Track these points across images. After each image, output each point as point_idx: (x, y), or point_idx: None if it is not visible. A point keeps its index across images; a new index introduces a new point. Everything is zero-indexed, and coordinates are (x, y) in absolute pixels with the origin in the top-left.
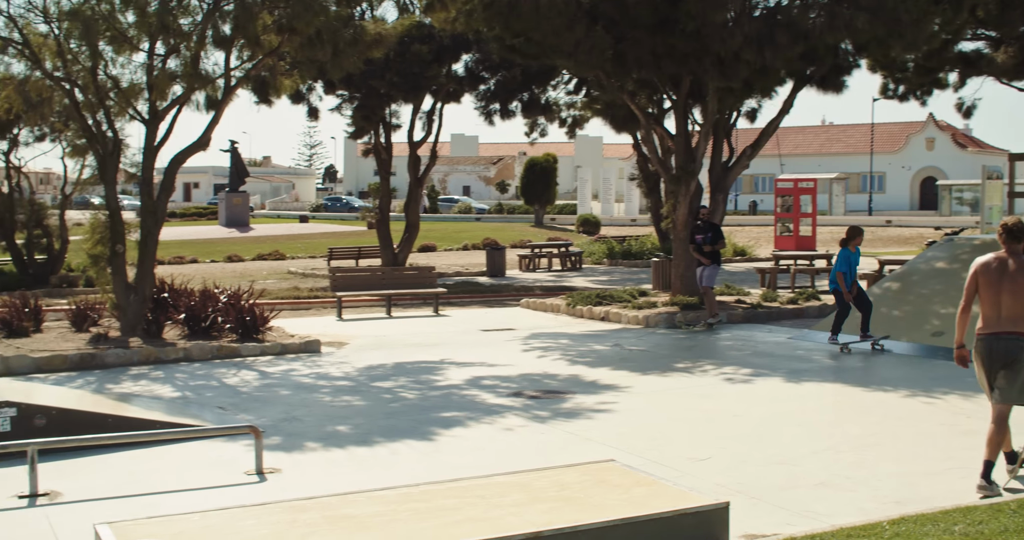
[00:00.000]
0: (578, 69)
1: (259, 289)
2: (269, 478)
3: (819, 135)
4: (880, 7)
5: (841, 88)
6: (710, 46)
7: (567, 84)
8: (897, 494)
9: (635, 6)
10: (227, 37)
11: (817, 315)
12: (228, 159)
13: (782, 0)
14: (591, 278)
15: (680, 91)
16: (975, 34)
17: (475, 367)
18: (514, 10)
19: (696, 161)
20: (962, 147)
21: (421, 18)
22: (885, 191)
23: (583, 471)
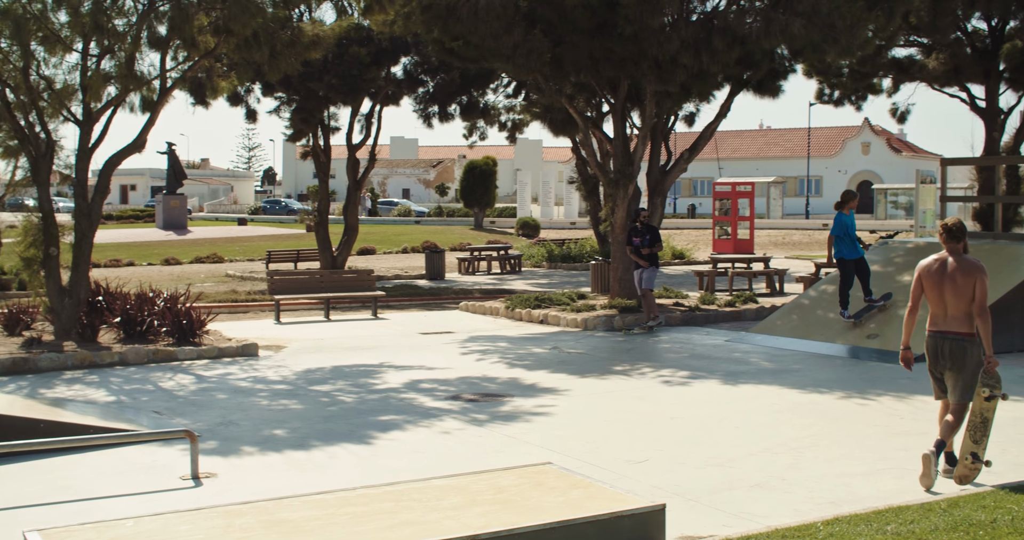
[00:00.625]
0: (516, 72)
1: (196, 292)
2: (205, 483)
3: (757, 139)
4: (815, 13)
5: (777, 93)
6: (648, 50)
7: (506, 87)
8: (832, 495)
9: (573, 10)
10: (163, 38)
11: (754, 318)
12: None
13: (719, 5)
14: (530, 281)
15: (618, 95)
16: (908, 40)
17: (414, 370)
18: (452, 13)
19: (634, 164)
20: (897, 152)
21: (360, 20)
22: (822, 195)
23: (520, 474)
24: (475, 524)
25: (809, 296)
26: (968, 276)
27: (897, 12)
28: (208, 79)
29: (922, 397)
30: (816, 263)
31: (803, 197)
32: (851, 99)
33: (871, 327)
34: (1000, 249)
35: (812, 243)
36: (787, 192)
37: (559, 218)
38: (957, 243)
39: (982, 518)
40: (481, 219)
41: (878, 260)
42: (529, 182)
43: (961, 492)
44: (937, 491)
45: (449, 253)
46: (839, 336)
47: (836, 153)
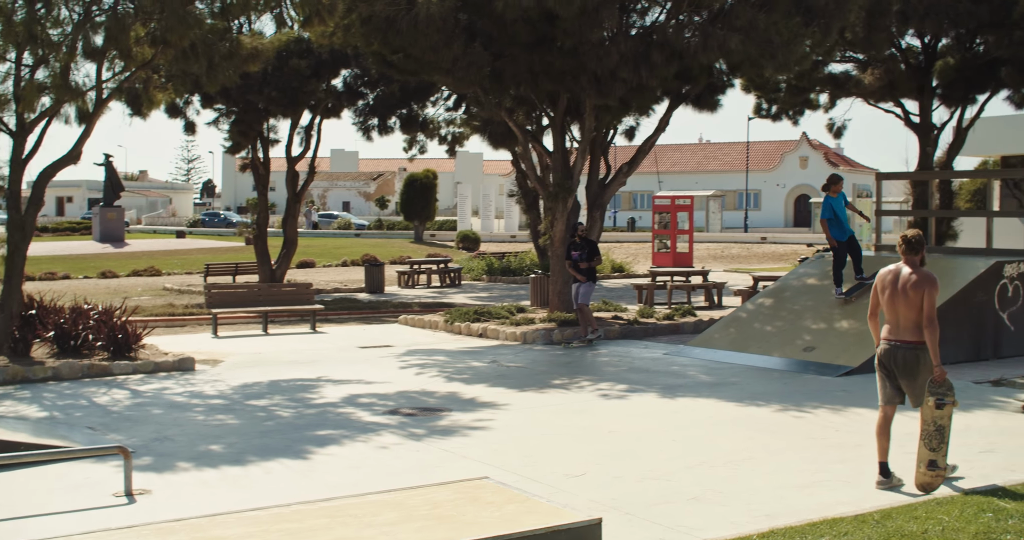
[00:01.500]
0: (456, 85)
1: (133, 306)
2: (138, 500)
3: (696, 153)
4: (753, 29)
5: (716, 107)
6: (587, 64)
7: (446, 100)
8: (768, 507)
9: (513, 23)
10: (98, 49)
11: (693, 331)
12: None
13: (658, 19)
14: (470, 294)
15: (557, 108)
16: (844, 56)
17: (352, 384)
18: (392, 26)
19: (574, 178)
20: (834, 165)
21: (300, 33)
22: (760, 208)
23: (456, 489)
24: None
25: (747, 309)
26: (918, 288)
27: (833, 28)
28: (145, 90)
29: (857, 409)
30: (754, 276)
31: (742, 211)
32: (788, 114)
33: (807, 340)
34: (933, 263)
35: (751, 256)
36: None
37: (499, 231)
38: (915, 255)
39: (914, 529)
40: (421, 232)
41: (815, 273)
42: (469, 195)
43: (893, 503)
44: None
45: (389, 266)
46: (776, 349)
47: (774, 167)
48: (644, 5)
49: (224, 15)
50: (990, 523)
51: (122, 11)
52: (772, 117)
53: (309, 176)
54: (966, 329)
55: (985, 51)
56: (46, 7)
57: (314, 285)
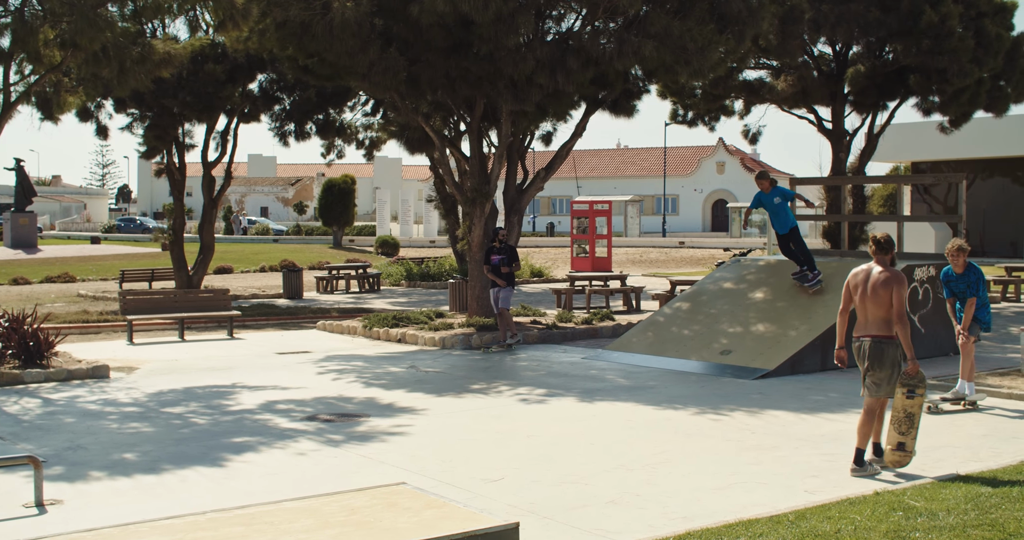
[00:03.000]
0: (372, 91)
1: (45, 312)
2: (49, 510)
3: (615, 158)
4: (667, 35)
5: (632, 112)
6: (503, 69)
7: (364, 105)
8: (685, 510)
9: (429, 29)
10: (5, 51)
11: (611, 335)
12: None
13: (574, 26)
14: (389, 300)
15: (474, 114)
16: (758, 63)
17: (269, 391)
18: (307, 31)
19: (491, 183)
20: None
21: (215, 37)
22: (679, 213)
23: (373, 495)
24: None
25: (664, 313)
26: (887, 286)
27: (747, 35)
28: (56, 94)
29: (773, 412)
30: (672, 280)
31: (660, 216)
32: (704, 120)
33: (724, 343)
34: (847, 266)
35: (669, 261)
36: (644, 211)
37: (419, 236)
38: (884, 255)
39: (827, 529)
40: (340, 237)
41: (731, 277)
42: (388, 200)
43: (808, 504)
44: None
45: (308, 272)
46: (693, 353)
47: (692, 172)
48: (560, 11)
49: (136, 18)
50: (900, 521)
51: (30, 13)
52: (688, 123)
53: (226, 181)
54: None
55: (894, 59)
56: None
57: (232, 291)
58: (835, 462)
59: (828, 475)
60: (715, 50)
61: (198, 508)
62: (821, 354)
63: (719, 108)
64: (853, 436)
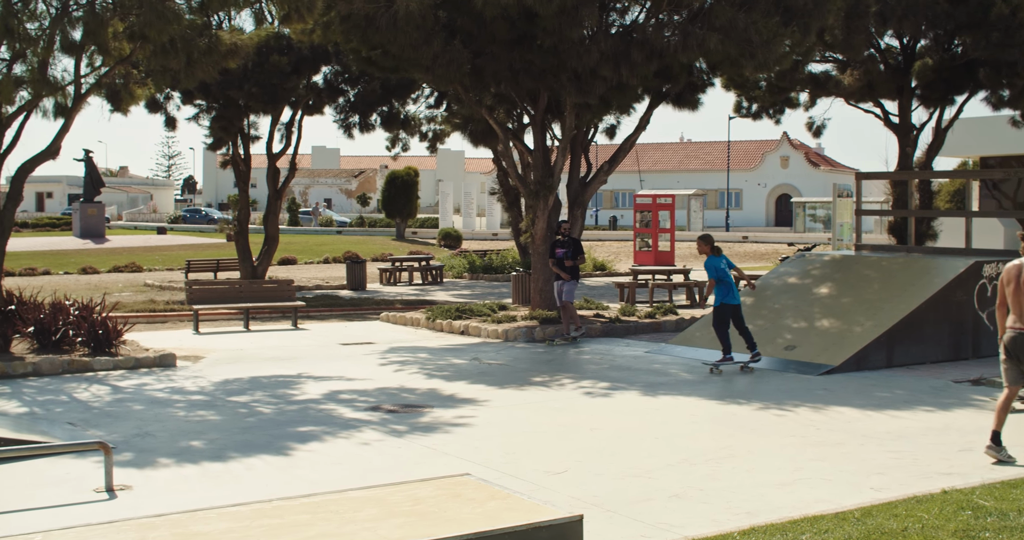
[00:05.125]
0: (436, 83)
1: (113, 302)
2: (119, 495)
3: (678, 152)
4: (732, 28)
5: (696, 105)
6: (567, 62)
7: (427, 98)
8: (749, 505)
9: (492, 21)
10: (77, 43)
11: (674, 329)
12: (83, 168)
13: (638, 18)
14: (452, 292)
15: (538, 106)
16: (824, 56)
17: (333, 381)
18: (371, 23)
19: (554, 176)
20: (815, 165)
21: (280, 29)
22: (742, 207)
23: (438, 485)
24: (392, 536)
25: None
26: None
27: (812, 29)
28: (125, 86)
29: (838, 408)
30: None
31: (723, 210)
32: (769, 112)
33: (788, 338)
34: (913, 262)
35: (732, 255)
36: (707, 205)
37: (481, 229)
38: None
39: (894, 527)
40: (403, 230)
41: (795, 272)
42: (451, 193)
43: (874, 501)
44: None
45: (371, 264)
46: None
47: (755, 166)
48: (624, 4)
49: (203, 10)
50: (969, 521)
51: (100, 6)
52: (752, 116)
53: (290, 173)
54: (946, 328)
55: (963, 52)
56: (23, 1)
57: (296, 282)
58: (901, 459)
59: (894, 472)
60: (780, 43)
61: (264, 496)
62: (887, 351)
63: (784, 101)
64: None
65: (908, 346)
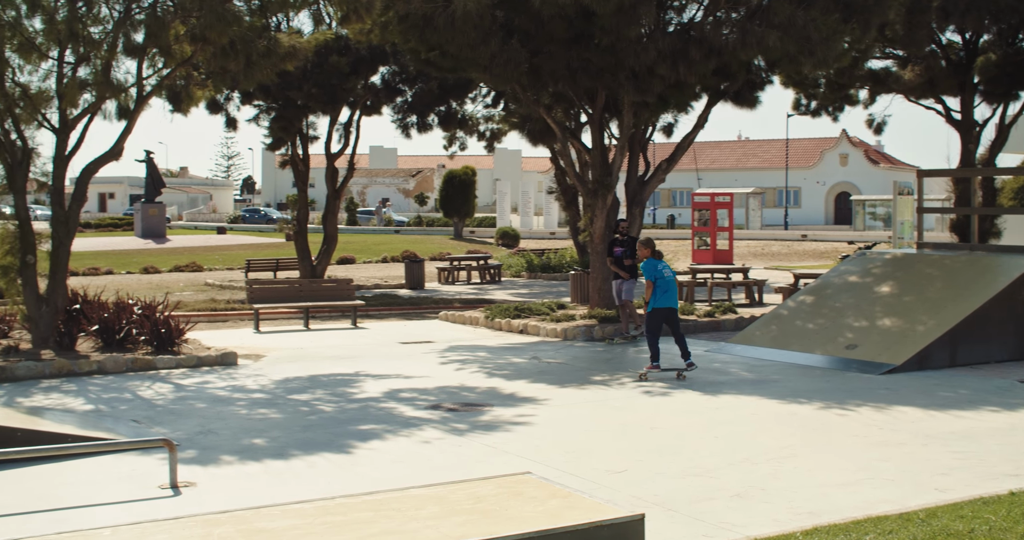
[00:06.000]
0: (494, 82)
1: (175, 301)
2: (183, 492)
3: (735, 150)
4: (791, 25)
5: (755, 103)
6: (624, 61)
7: (485, 97)
8: (811, 505)
9: (550, 20)
10: (139, 46)
11: (734, 328)
12: (144, 169)
13: (696, 16)
14: (510, 291)
15: (596, 105)
16: (884, 52)
17: (393, 379)
18: (429, 23)
19: (612, 175)
20: (874, 163)
21: (337, 30)
22: (801, 206)
23: (499, 484)
24: (454, 534)
25: (788, 307)
26: None
27: (872, 24)
28: (185, 87)
29: (901, 408)
30: (795, 274)
31: (782, 208)
32: (828, 110)
33: (849, 337)
34: (976, 260)
35: (791, 254)
36: (766, 203)
37: (539, 228)
38: None
39: (960, 528)
40: (461, 229)
41: (856, 271)
42: (508, 192)
43: (939, 502)
44: None
45: (429, 263)
46: (818, 347)
47: (814, 164)
48: (682, 2)
49: (262, 12)
50: None
51: (162, 9)
52: (811, 113)
53: (349, 172)
54: (1011, 327)
55: None
56: (87, 5)
57: (354, 281)
58: (966, 460)
59: (959, 473)
60: (840, 40)
61: (326, 493)
62: (950, 350)
63: (843, 98)
64: (987, 434)
65: (972, 345)
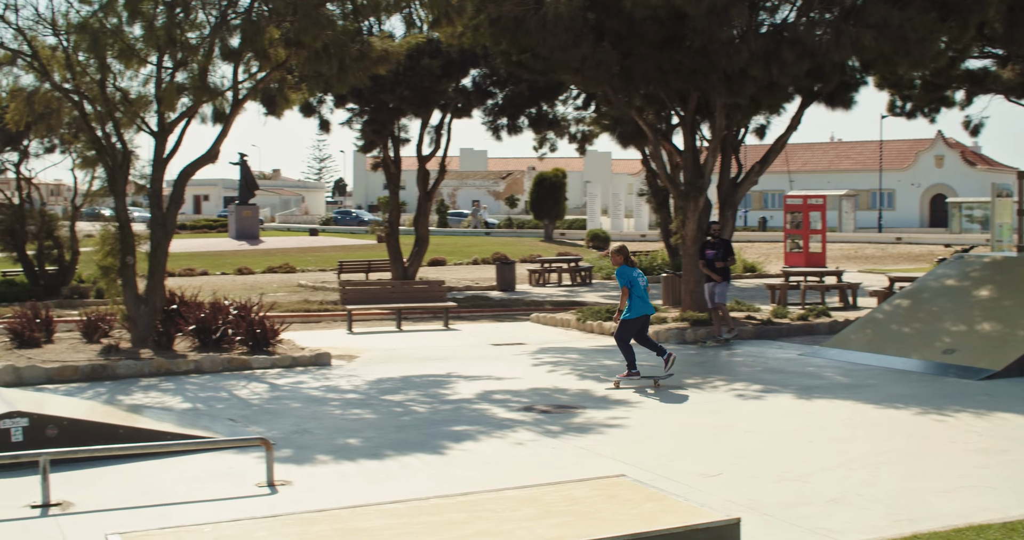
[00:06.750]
0: (585, 84)
1: (269, 302)
2: (280, 490)
3: (828, 152)
4: (886, 25)
5: (849, 105)
6: (717, 62)
7: (575, 99)
8: (910, 512)
9: (641, 22)
10: (235, 50)
11: (828, 332)
12: (238, 172)
13: (788, 17)
14: (601, 293)
15: (688, 107)
16: (982, 52)
17: (485, 381)
18: (520, 26)
19: (705, 177)
20: (971, 164)
21: (429, 33)
22: (895, 208)
23: (594, 486)
24: (549, 535)
25: (883, 310)
26: None
27: (971, 23)
28: (280, 91)
29: (1002, 414)
30: (890, 277)
31: (875, 210)
32: (924, 111)
33: (947, 342)
34: None
35: (885, 257)
36: (859, 205)
37: (629, 230)
38: None
39: None
40: (551, 231)
41: (954, 274)
42: (599, 194)
43: None
44: None
45: (519, 265)
46: (914, 351)
47: (909, 166)
48: (774, 3)
49: (355, 16)
50: None
51: (257, 14)
52: (907, 115)
53: (440, 175)
54: None
55: None
56: (185, 11)
57: (446, 282)
58: None
59: None
60: (936, 40)
61: (420, 493)
62: None
63: (939, 99)
64: None
65: None
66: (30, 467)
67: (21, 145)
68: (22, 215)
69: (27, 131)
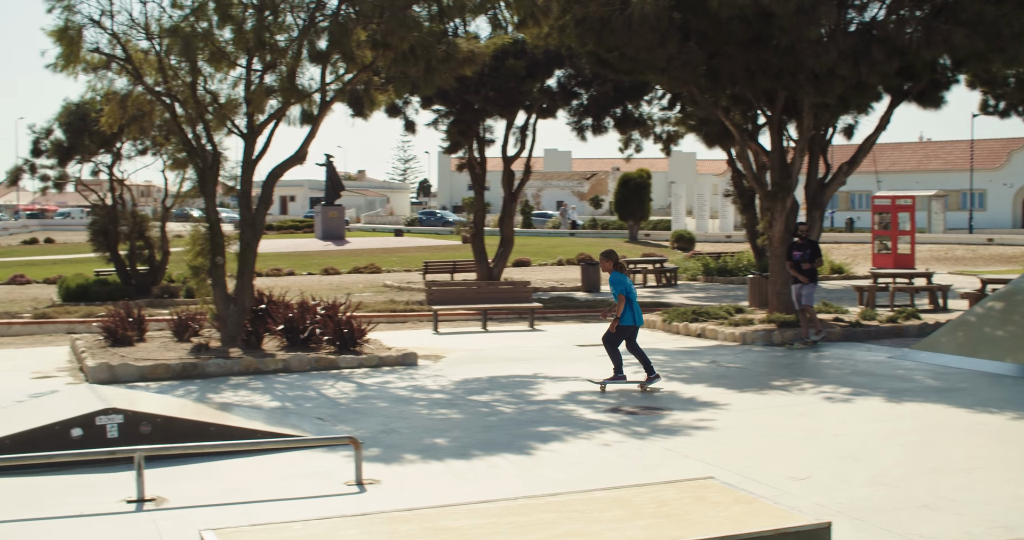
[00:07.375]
0: (671, 85)
1: (356, 302)
2: (368, 489)
3: (916, 152)
4: (979, 22)
5: (940, 104)
6: (804, 62)
7: (660, 99)
8: (1006, 518)
9: (728, 22)
10: (322, 52)
11: (917, 334)
12: (324, 173)
13: (878, 15)
14: (686, 294)
15: (775, 107)
16: None
17: (571, 382)
18: (606, 26)
19: (792, 177)
20: None
21: (514, 34)
22: (986, 209)
23: (682, 488)
24: (638, 537)
25: (975, 313)
26: None
27: None
28: (366, 92)
29: None
30: (982, 279)
31: (966, 211)
32: (1018, 110)
33: None
34: None
35: (976, 258)
36: (949, 206)
37: (714, 231)
38: None
39: None
40: (636, 232)
41: None
42: (684, 195)
43: None
44: None
45: None
46: (1008, 355)
47: (1001, 165)
48: (863, 1)
49: (441, 18)
50: None
51: (344, 16)
52: (1000, 114)
53: (525, 175)
54: None
55: None
56: (273, 14)
57: (531, 283)
58: None
59: None
60: None
61: (508, 493)
62: None
63: None
64: None
65: None
66: (125, 463)
67: (114, 147)
68: (115, 216)
69: (120, 133)
